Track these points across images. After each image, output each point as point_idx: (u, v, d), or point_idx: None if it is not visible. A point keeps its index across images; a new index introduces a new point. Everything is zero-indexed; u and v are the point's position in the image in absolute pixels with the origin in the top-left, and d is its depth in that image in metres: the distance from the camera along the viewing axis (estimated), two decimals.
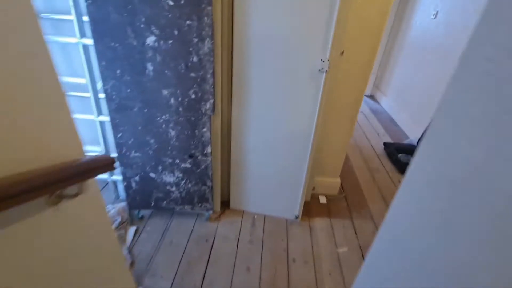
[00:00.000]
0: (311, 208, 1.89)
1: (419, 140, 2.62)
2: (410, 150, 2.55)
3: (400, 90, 3.39)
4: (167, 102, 1.33)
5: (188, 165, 1.50)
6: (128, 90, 1.29)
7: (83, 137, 0.65)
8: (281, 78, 1.37)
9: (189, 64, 1.24)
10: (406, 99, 3.21)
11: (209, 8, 1.13)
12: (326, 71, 1.30)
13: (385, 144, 2.65)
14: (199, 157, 1.48)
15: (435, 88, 2.66)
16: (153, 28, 1.17)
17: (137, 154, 1.46)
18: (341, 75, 1.55)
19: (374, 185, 2.18)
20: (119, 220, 1.56)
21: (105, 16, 1.14)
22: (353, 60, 1.52)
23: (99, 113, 1.48)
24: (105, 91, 1.29)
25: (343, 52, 1.43)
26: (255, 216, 1.79)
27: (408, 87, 3.20)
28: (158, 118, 1.37)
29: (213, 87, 1.30)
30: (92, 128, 1.54)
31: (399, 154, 2.46)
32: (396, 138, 2.93)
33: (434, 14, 2.80)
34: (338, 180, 1.99)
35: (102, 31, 1.16)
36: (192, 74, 1.27)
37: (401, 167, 2.34)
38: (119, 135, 1.40)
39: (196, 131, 1.41)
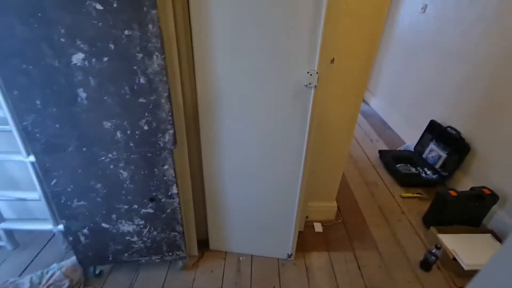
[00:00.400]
0: (306, 239, 1.62)
1: (416, 145, 2.40)
2: (408, 158, 2.32)
3: (390, 90, 3.18)
4: (112, 136, 1.01)
5: (150, 210, 1.19)
6: (57, 125, 0.97)
7: (17, 180, 0.34)
8: (260, 96, 1.09)
9: (135, 87, 0.94)
10: (397, 99, 3.01)
11: (153, 12, 0.83)
12: (315, 86, 1.02)
13: (380, 152, 2.42)
14: (163, 200, 1.18)
15: (428, 87, 2.45)
16: (79, 42, 0.85)
17: (81, 202, 1.13)
18: (333, 87, 1.28)
19: (374, 203, 1.94)
20: (67, 284, 1.23)
21: (7, 30, 0.82)
22: (347, 68, 1.25)
23: (29, 152, 1.15)
24: (25, 129, 0.96)
25: (333, 59, 1.17)
26: (241, 258, 1.50)
27: (398, 87, 3.00)
28: (103, 158, 1.05)
29: (171, 114, 1.00)
30: (27, 169, 1.20)
31: (397, 164, 2.23)
32: (390, 143, 2.71)
33: (422, 8, 2.60)
34: (335, 204, 1.72)
35: (6, 50, 0.84)
36: (142, 100, 0.96)
37: (401, 179, 2.11)
38: (53, 182, 1.07)
39: (156, 169, 1.10)
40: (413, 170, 2.17)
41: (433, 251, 1.40)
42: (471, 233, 1.61)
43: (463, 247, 1.49)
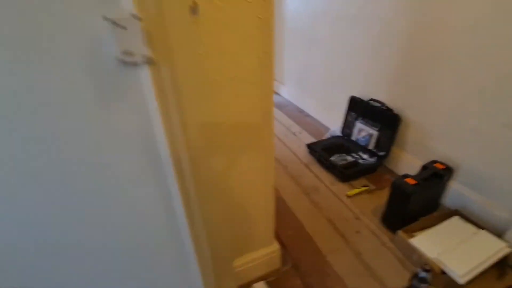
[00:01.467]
0: None
1: (343, 129, 2.07)
2: (340, 146, 1.97)
3: (298, 75, 2.87)
4: None
5: None
6: None
7: None
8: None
9: None
10: (307, 83, 2.70)
11: None
12: (147, 60, 0.39)
13: (309, 146, 2.00)
14: None
15: (336, 62, 2.17)
16: None
17: None
18: (218, 65, 0.68)
19: (321, 218, 1.46)
20: None
21: None
22: (236, 29, 0.66)
23: None
24: None
25: (195, 4, 0.55)
26: None
27: (305, 69, 2.69)
28: None
29: None
30: None
31: (331, 157, 1.83)
32: (315, 132, 2.36)
33: None
34: (275, 246, 1.15)
35: None
36: None
37: (341, 174, 1.71)
38: None
39: None
40: (350, 158, 1.81)
41: (422, 275, 0.97)
42: (439, 222, 1.28)
43: (444, 248, 1.12)
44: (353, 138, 1.99)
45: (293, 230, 1.39)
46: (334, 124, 2.29)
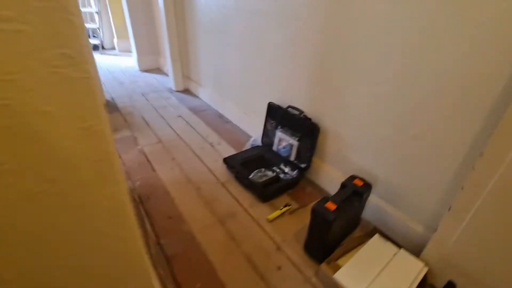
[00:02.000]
0: None
1: (263, 137, 1.88)
2: (260, 159, 1.76)
3: (214, 75, 2.57)
4: None
5: None
6: None
7: None
8: None
9: None
10: (225, 84, 2.43)
11: None
12: None
13: (226, 161, 1.73)
14: None
15: (251, 62, 1.96)
16: None
17: None
18: None
19: (239, 256, 1.21)
20: None
21: None
22: None
23: None
24: None
25: None
26: None
27: (221, 69, 2.41)
28: None
29: None
30: None
31: (251, 174, 1.60)
32: (235, 142, 2.11)
33: None
34: None
35: None
36: None
37: (261, 194, 1.50)
38: None
39: None
40: (270, 174, 1.62)
41: None
42: (361, 243, 1.18)
43: (368, 279, 1.00)
44: (274, 148, 1.81)
45: (203, 281, 1.10)
46: (255, 132, 2.09)
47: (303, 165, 1.62)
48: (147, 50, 3.82)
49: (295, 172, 1.62)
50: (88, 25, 4.80)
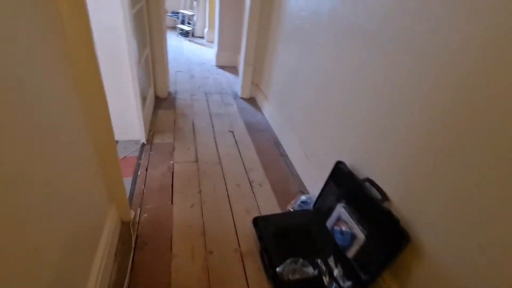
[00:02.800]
0: None
1: (317, 200, 1.34)
2: (304, 235, 1.24)
3: (283, 95, 2.11)
4: None
5: None
6: None
7: None
8: None
9: None
10: (291, 110, 1.95)
11: None
12: None
13: (255, 222, 1.27)
14: None
15: (323, 97, 1.41)
16: None
17: None
18: None
19: None
20: None
21: None
22: None
23: None
24: None
25: None
26: None
27: (292, 91, 1.93)
28: None
29: None
30: None
31: (282, 266, 1.09)
32: (282, 189, 1.62)
33: None
34: None
35: None
36: None
37: None
38: None
39: None
40: (310, 271, 1.09)
41: None
42: None
43: None
44: (329, 224, 1.25)
45: None
46: (311, 186, 1.56)
47: (364, 277, 1.03)
48: (227, 45, 3.60)
49: (348, 284, 1.04)
50: (185, 11, 4.91)
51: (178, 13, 5.20)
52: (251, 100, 2.77)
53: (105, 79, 0.91)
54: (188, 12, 4.88)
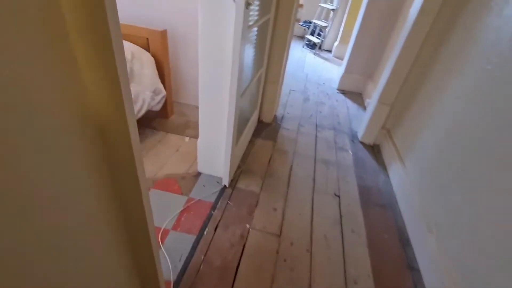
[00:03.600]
0: None
1: None
2: None
3: (431, 163, 1.34)
4: None
5: None
6: None
7: None
8: None
9: None
10: (443, 196, 1.17)
11: None
12: None
13: None
14: None
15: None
16: None
17: None
18: None
19: None
20: None
21: None
22: None
23: None
24: None
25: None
26: None
27: (451, 167, 1.15)
28: None
29: None
30: None
31: None
32: None
33: None
34: None
35: None
36: None
37: None
38: None
39: None
40: None
41: None
42: None
43: None
44: None
45: None
46: None
47: None
48: (358, 67, 2.94)
49: None
50: (319, 22, 4.47)
51: (310, 23, 4.83)
52: (374, 149, 2.06)
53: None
54: (321, 23, 4.42)
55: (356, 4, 3.65)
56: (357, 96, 2.98)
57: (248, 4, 0.99)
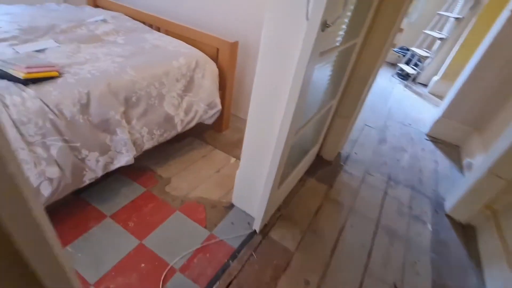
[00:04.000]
0: None
1: None
2: None
3: None
4: None
5: None
6: None
7: None
8: None
9: None
10: None
11: None
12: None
13: None
14: None
15: None
16: None
17: None
18: None
19: None
20: None
21: None
22: None
23: None
24: None
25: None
26: None
27: None
28: None
29: None
30: None
31: None
32: None
33: None
34: None
35: None
36: None
37: None
38: None
39: None
40: None
41: None
42: None
43: None
44: None
45: None
46: None
47: None
48: (462, 113, 2.32)
49: None
50: (418, 51, 3.84)
51: (407, 50, 4.21)
52: (466, 232, 1.51)
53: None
54: (421, 52, 3.79)
55: (477, 35, 2.95)
56: (452, 150, 2.35)
57: (325, 26, 0.73)
